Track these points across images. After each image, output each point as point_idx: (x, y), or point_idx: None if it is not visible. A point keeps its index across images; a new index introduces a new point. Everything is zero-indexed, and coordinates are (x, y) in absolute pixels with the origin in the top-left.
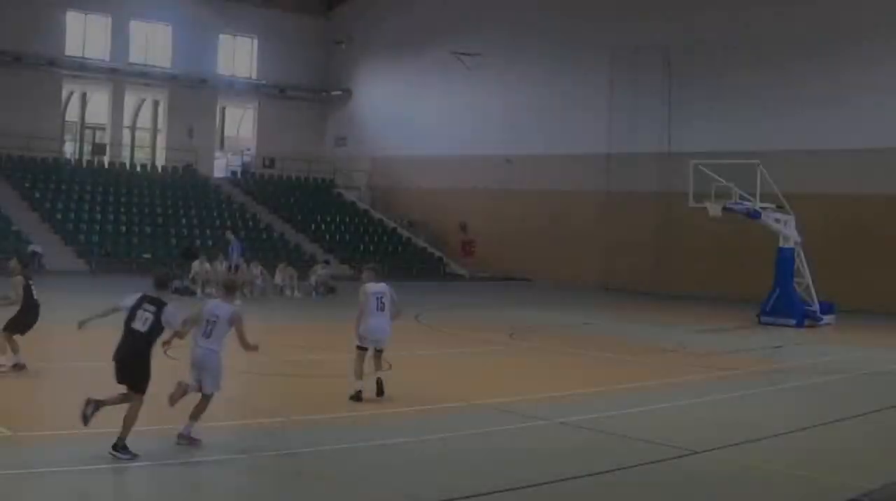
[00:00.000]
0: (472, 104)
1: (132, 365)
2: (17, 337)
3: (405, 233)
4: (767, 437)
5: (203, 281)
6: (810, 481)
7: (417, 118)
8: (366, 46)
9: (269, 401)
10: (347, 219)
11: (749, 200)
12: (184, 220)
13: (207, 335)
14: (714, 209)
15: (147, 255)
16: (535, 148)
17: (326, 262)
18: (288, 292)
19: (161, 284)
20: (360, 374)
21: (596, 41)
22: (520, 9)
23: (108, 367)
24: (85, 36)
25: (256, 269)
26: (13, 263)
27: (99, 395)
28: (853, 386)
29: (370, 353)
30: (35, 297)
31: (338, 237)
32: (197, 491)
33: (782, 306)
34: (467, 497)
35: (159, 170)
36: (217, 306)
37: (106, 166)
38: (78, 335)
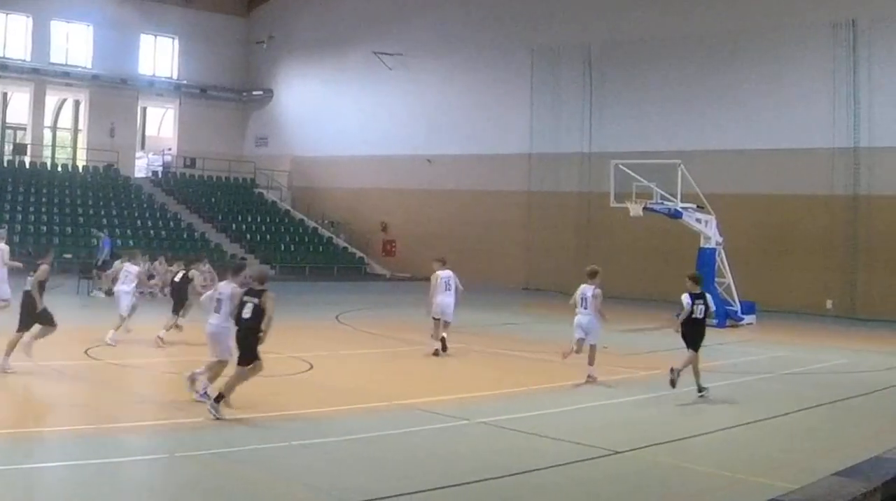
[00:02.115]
0: (393, 104)
1: (701, 336)
2: None
3: (326, 233)
4: (690, 437)
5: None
6: (732, 481)
7: (339, 118)
8: (287, 46)
9: (190, 401)
10: (268, 219)
11: (670, 200)
12: (105, 220)
13: (585, 306)
14: (635, 209)
15: (68, 255)
16: (457, 148)
17: (243, 260)
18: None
19: (697, 281)
20: (436, 338)
21: (517, 41)
22: (441, 9)
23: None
24: (5, 36)
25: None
26: None
27: (676, 364)
28: (775, 385)
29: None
30: None
31: (258, 237)
32: (114, 490)
33: None
34: (389, 497)
35: (80, 169)
36: (586, 288)
37: (27, 166)
38: None
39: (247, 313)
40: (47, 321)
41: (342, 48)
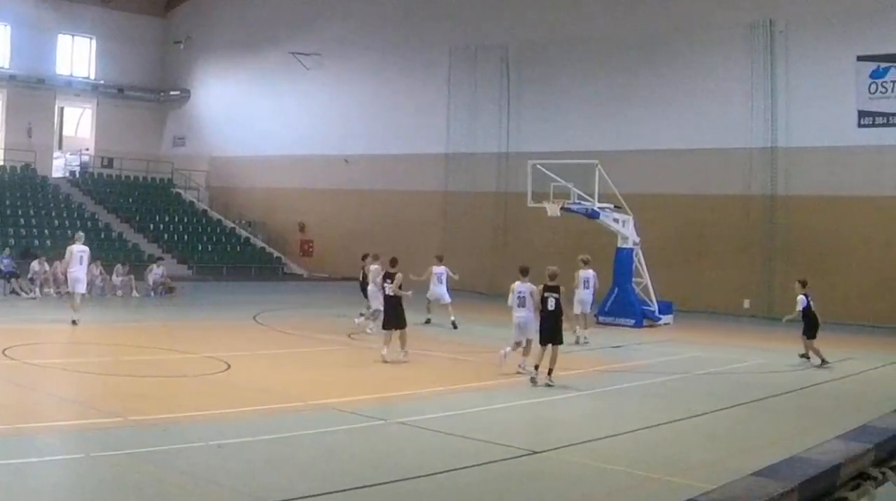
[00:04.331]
0: (310, 104)
1: (818, 323)
2: None
3: (244, 233)
4: (607, 437)
5: (42, 282)
6: (650, 481)
7: (256, 118)
8: (204, 47)
9: (107, 401)
10: (186, 219)
11: (588, 200)
12: (22, 220)
13: (587, 287)
14: (552, 209)
15: None
16: (374, 148)
17: (160, 259)
18: (123, 292)
19: (806, 284)
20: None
21: (434, 41)
22: (358, 9)
23: None
24: None
25: (96, 270)
26: None
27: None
28: (692, 385)
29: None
30: None
31: (176, 237)
32: (29, 491)
33: (621, 306)
34: (305, 497)
35: None
36: (585, 273)
37: None
38: None
39: (551, 306)
40: (402, 322)
41: (260, 48)
